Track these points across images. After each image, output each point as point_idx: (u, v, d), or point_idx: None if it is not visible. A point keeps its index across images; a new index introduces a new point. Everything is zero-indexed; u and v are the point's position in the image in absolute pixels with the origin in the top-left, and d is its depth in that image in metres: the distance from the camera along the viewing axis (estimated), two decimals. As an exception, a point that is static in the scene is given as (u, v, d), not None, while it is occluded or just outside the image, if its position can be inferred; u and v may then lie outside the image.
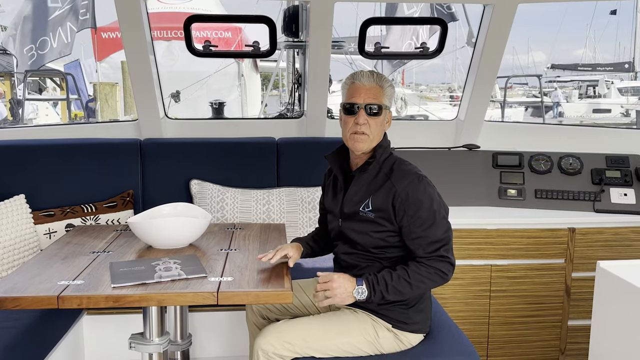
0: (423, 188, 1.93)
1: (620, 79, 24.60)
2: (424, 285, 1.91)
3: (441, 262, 1.92)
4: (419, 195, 1.92)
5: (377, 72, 2.03)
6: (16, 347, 2.09)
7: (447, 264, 1.93)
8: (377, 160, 2.00)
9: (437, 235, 1.92)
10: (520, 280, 2.92)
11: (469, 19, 10.11)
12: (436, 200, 1.95)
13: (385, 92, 1.99)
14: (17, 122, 10.01)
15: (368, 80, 1.98)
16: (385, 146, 2.04)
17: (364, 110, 1.96)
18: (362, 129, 1.96)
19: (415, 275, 1.89)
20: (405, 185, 1.93)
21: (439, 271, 1.91)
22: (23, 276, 1.85)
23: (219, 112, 5.21)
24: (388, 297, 1.90)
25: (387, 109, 2.01)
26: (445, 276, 1.93)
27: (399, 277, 1.89)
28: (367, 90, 1.97)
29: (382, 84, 1.99)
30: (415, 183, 1.93)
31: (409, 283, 1.89)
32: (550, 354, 2.98)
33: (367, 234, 1.99)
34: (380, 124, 1.99)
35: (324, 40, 2.97)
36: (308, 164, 3.13)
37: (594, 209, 3.04)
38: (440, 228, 1.93)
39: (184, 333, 2.40)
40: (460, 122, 3.43)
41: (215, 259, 2.05)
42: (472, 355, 1.98)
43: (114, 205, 2.94)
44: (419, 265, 1.91)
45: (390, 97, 2.02)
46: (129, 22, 2.84)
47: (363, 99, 1.97)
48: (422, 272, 1.90)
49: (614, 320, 1.95)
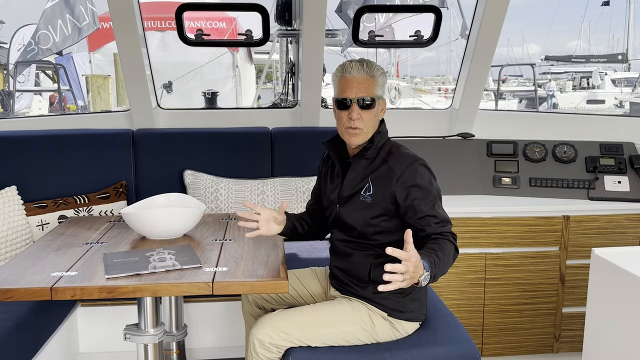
0: (422, 169, 1.94)
1: (614, 70, 24.66)
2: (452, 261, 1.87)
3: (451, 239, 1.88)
4: (419, 176, 1.92)
5: (367, 61, 1.99)
6: (10, 340, 2.08)
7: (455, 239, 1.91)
8: (375, 146, 1.99)
9: (442, 214, 1.91)
10: (514, 268, 2.92)
11: (463, 11, 10.09)
12: (435, 183, 1.96)
13: (377, 82, 1.96)
14: (8, 114, 9.93)
15: (358, 72, 1.94)
16: (384, 132, 2.04)
17: (357, 104, 1.94)
18: (356, 124, 1.95)
19: (449, 257, 1.83)
20: (405, 167, 1.93)
21: (456, 248, 1.89)
22: (16, 268, 1.84)
23: (212, 102, 5.18)
24: (437, 277, 1.80)
25: (380, 98, 1.99)
26: (457, 252, 1.90)
27: (442, 256, 1.78)
28: (359, 83, 1.94)
29: (373, 74, 1.96)
30: (414, 165, 1.93)
31: (447, 260, 1.81)
32: (545, 341, 2.99)
33: (364, 219, 1.98)
34: (374, 116, 1.98)
35: (317, 29, 2.95)
36: (302, 154, 3.12)
37: (588, 197, 3.05)
38: (440, 206, 1.94)
39: (179, 324, 2.39)
40: (455, 110, 3.42)
41: (210, 249, 2.04)
42: (467, 343, 1.99)
43: (107, 197, 2.92)
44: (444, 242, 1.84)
45: (382, 86, 1.99)
46: (120, 13, 2.81)
47: (355, 93, 1.94)
48: (449, 248, 1.84)
49: (608, 306, 1.96)
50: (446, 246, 1.83)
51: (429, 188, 1.92)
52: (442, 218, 1.91)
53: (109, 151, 3.02)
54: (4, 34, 17.00)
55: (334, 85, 2.03)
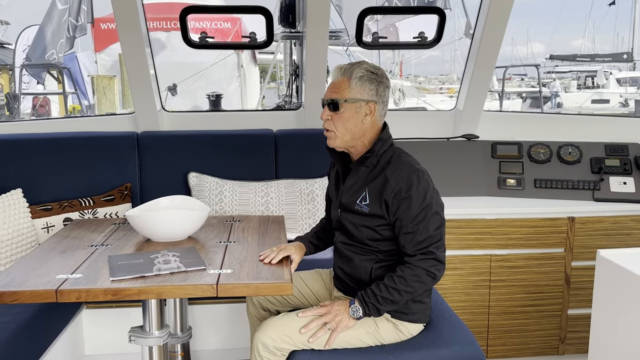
0: (417, 182, 1.89)
1: (619, 70, 24.54)
2: (412, 289, 1.89)
3: (427, 260, 1.88)
4: (412, 190, 1.88)
5: (351, 65, 1.96)
6: (15, 342, 2.08)
7: (434, 260, 1.89)
8: (375, 154, 1.97)
9: (428, 231, 1.88)
10: (520, 270, 2.91)
11: (467, 10, 10.07)
12: (430, 196, 1.90)
13: (351, 85, 1.92)
14: (14, 117, 9.97)
15: (336, 74, 1.96)
16: (385, 139, 1.99)
17: (327, 106, 1.96)
18: (325, 125, 1.97)
19: (401, 281, 1.88)
20: (399, 179, 1.90)
21: (426, 271, 1.88)
22: (21, 270, 1.84)
23: (216, 105, 5.19)
24: (382, 308, 1.90)
25: (357, 102, 1.92)
26: (434, 275, 1.89)
27: (387, 286, 1.89)
28: (333, 85, 1.96)
29: (350, 76, 1.92)
30: (409, 177, 1.90)
31: (397, 290, 1.88)
32: (550, 343, 2.98)
33: (362, 227, 1.98)
34: (345, 119, 1.93)
35: (321, 31, 2.95)
36: (306, 156, 3.12)
37: (593, 198, 3.04)
38: (432, 224, 1.89)
39: (183, 326, 2.40)
40: (459, 112, 3.41)
41: (214, 252, 2.04)
42: (472, 344, 1.98)
43: (112, 199, 2.93)
44: (405, 269, 1.89)
45: (360, 90, 1.92)
46: (124, 15, 2.82)
47: (327, 95, 1.96)
48: (407, 276, 1.88)
49: (614, 308, 1.95)
50: (405, 273, 1.88)
51: (419, 202, 1.88)
52: (425, 235, 1.88)
53: (114, 154, 3.03)
54: (9, 35, 17.09)
55: None
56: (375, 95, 1.95)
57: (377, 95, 1.96)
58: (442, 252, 1.92)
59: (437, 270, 1.90)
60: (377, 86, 1.95)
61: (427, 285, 1.92)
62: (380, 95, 1.96)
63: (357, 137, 1.98)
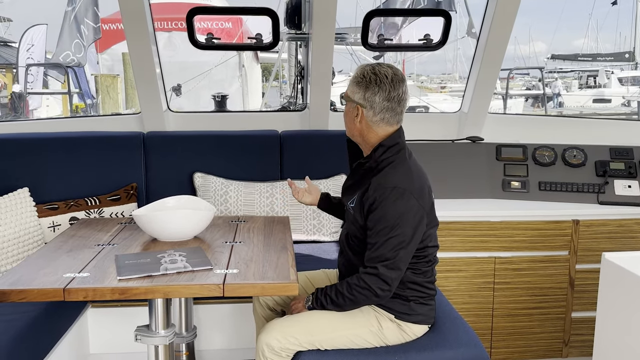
0: (392, 200, 1.86)
1: (621, 69, 24.49)
2: (354, 298, 1.91)
3: (371, 276, 1.87)
4: (383, 205, 1.86)
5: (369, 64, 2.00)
6: (22, 340, 2.10)
7: (377, 278, 1.86)
8: (374, 159, 1.96)
9: (384, 249, 1.86)
10: (524, 273, 2.92)
11: (469, 9, 10.07)
12: (399, 217, 1.85)
13: (350, 84, 1.99)
14: (19, 116, 9.99)
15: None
16: (388, 146, 1.95)
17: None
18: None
19: (347, 288, 1.92)
20: (377, 190, 1.88)
21: (368, 287, 1.87)
22: (28, 269, 1.85)
23: (222, 105, 5.20)
24: (327, 306, 1.98)
25: (348, 100, 1.98)
26: (375, 293, 1.87)
27: (337, 289, 1.95)
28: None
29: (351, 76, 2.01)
30: (385, 191, 1.87)
31: (342, 295, 1.93)
32: (554, 345, 2.98)
33: (353, 226, 2.02)
34: (344, 114, 2.03)
35: (327, 32, 2.95)
36: (311, 157, 3.13)
37: (598, 201, 3.04)
38: (390, 244, 1.86)
39: (188, 325, 2.41)
40: (464, 114, 3.41)
41: (220, 252, 2.05)
42: (477, 346, 1.99)
43: (118, 199, 2.94)
44: (354, 278, 1.92)
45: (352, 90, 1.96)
46: (131, 14, 2.82)
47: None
48: (352, 284, 1.91)
49: (619, 311, 1.95)
50: (352, 281, 1.91)
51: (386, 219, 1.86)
52: (380, 252, 1.87)
53: (120, 153, 3.04)
54: (11, 32, 17.10)
55: None
56: (362, 99, 1.93)
57: (364, 99, 1.92)
58: (391, 273, 1.86)
59: (380, 289, 1.87)
60: (364, 91, 1.92)
61: (369, 300, 1.91)
62: (369, 100, 1.91)
63: (356, 135, 2.01)
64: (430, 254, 2.03)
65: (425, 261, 2.02)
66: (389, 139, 1.96)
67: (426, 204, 1.94)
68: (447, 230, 2.85)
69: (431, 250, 2.03)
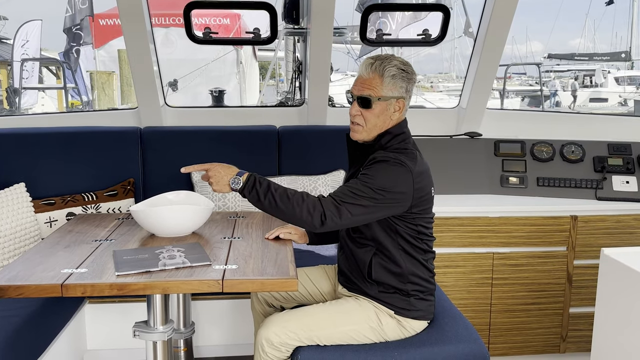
0: (386, 165, 1.87)
1: (617, 69, 24.56)
2: (287, 206, 1.83)
3: (326, 201, 1.83)
4: (380, 164, 1.87)
5: (381, 60, 1.96)
6: (19, 336, 2.08)
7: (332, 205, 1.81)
8: (379, 145, 1.97)
9: (353, 187, 1.85)
10: (522, 268, 2.92)
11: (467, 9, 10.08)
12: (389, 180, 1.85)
13: (384, 82, 1.93)
14: (14, 111, 9.95)
15: (366, 70, 1.95)
16: (394, 134, 1.97)
17: (357, 101, 1.96)
18: (355, 119, 1.98)
19: (292, 194, 1.84)
20: (378, 154, 1.91)
21: (317, 207, 1.82)
22: (25, 265, 1.84)
23: (219, 100, 5.18)
24: (262, 200, 1.86)
25: (388, 99, 1.95)
26: (310, 215, 1.81)
27: (285, 191, 1.85)
28: (363, 81, 1.95)
29: (382, 73, 1.93)
30: (388, 157, 1.88)
31: (289, 199, 1.83)
32: (552, 341, 2.99)
33: None
34: (375, 115, 1.95)
35: (325, 27, 2.94)
36: (309, 153, 3.12)
37: (596, 197, 3.04)
38: (360, 189, 1.83)
39: (186, 321, 2.40)
40: (462, 110, 3.41)
41: (219, 247, 2.04)
42: (477, 342, 1.99)
43: (115, 194, 2.92)
44: (305, 193, 1.85)
45: (394, 87, 1.94)
46: (128, 10, 2.80)
47: (357, 90, 1.96)
48: (297, 196, 1.84)
49: (618, 307, 1.95)
50: (296, 193, 1.84)
51: (373, 172, 1.85)
52: (342, 189, 1.86)
53: (117, 149, 3.02)
54: (7, 30, 17.03)
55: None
56: (404, 92, 1.98)
57: (406, 92, 1.99)
58: (338, 214, 1.82)
59: (330, 219, 1.81)
60: (407, 83, 1.98)
61: (304, 217, 1.82)
62: (409, 91, 2.00)
63: (382, 130, 1.99)
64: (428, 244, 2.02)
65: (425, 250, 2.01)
66: (397, 127, 1.99)
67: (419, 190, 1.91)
68: (445, 226, 2.85)
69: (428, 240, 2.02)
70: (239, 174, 1.95)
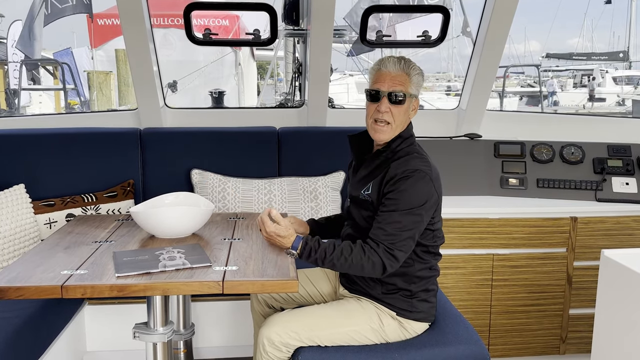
0: (413, 180, 1.88)
1: (615, 68, 24.59)
2: (356, 267, 1.88)
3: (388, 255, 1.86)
4: (404, 181, 1.88)
5: (405, 59, 2.00)
6: (19, 337, 2.08)
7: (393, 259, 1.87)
8: (391, 150, 1.98)
9: (399, 225, 1.86)
10: (522, 269, 2.92)
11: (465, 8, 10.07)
12: (418, 196, 1.88)
13: (411, 80, 1.97)
14: (13, 112, 9.93)
15: (394, 67, 1.96)
16: (406, 137, 2.00)
17: (387, 98, 1.95)
18: (384, 117, 1.96)
19: (348, 255, 1.87)
20: (398, 170, 1.91)
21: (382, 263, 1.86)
22: (25, 266, 1.84)
23: (219, 102, 5.18)
24: (320, 266, 1.92)
25: (413, 97, 1.99)
26: (383, 270, 1.87)
27: (342, 253, 1.87)
28: (393, 77, 1.96)
29: (409, 72, 1.97)
30: (407, 171, 1.89)
31: (346, 261, 1.86)
32: (552, 342, 2.99)
33: (368, 218, 1.99)
34: (404, 112, 1.98)
35: (325, 29, 2.94)
36: (309, 154, 3.11)
37: (595, 198, 3.04)
38: (400, 221, 1.86)
39: (186, 322, 2.39)
40: (462, 111, 3.41)
41: (219, 249, 2.04)
42: (477, 344, 1.99)
43: (115, 195, 2.92)
44: (356, 246, 1.88)
45: (417, 86, 1.99)
46: (128, 10, 2.80)
47: (387, 86, 1.96)
48: (353, 253, 1.86)
49: (618, 308, 1.95)
50: (352, 250, 1.86)
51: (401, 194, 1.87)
52: (393, 231, 1.86)
53: (117, 150, 3.02)
54: (3, 27, 16.95)
55: (369, 78, 2.06)
56: (418, 90, 2.03)
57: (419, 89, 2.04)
58: (402, 253, 1.88)
59: (390, 267, 1.88)
60: (422, 80, 2.04)
61: (368, 273, 1.90)
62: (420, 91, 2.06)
63: (402, 129, 2.01)
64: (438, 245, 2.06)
65: (435, 252, 2.04)
66: (406, 130, 2.02)
67: (440, 190, 1.99)
68: (445, 227, 2.81)
69: (439, 242, 2.06)
70: (295, 244, 1.94)
